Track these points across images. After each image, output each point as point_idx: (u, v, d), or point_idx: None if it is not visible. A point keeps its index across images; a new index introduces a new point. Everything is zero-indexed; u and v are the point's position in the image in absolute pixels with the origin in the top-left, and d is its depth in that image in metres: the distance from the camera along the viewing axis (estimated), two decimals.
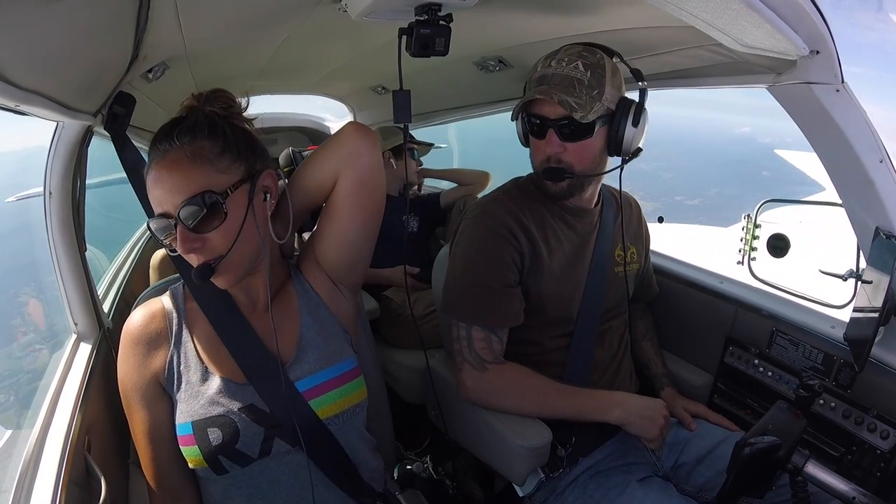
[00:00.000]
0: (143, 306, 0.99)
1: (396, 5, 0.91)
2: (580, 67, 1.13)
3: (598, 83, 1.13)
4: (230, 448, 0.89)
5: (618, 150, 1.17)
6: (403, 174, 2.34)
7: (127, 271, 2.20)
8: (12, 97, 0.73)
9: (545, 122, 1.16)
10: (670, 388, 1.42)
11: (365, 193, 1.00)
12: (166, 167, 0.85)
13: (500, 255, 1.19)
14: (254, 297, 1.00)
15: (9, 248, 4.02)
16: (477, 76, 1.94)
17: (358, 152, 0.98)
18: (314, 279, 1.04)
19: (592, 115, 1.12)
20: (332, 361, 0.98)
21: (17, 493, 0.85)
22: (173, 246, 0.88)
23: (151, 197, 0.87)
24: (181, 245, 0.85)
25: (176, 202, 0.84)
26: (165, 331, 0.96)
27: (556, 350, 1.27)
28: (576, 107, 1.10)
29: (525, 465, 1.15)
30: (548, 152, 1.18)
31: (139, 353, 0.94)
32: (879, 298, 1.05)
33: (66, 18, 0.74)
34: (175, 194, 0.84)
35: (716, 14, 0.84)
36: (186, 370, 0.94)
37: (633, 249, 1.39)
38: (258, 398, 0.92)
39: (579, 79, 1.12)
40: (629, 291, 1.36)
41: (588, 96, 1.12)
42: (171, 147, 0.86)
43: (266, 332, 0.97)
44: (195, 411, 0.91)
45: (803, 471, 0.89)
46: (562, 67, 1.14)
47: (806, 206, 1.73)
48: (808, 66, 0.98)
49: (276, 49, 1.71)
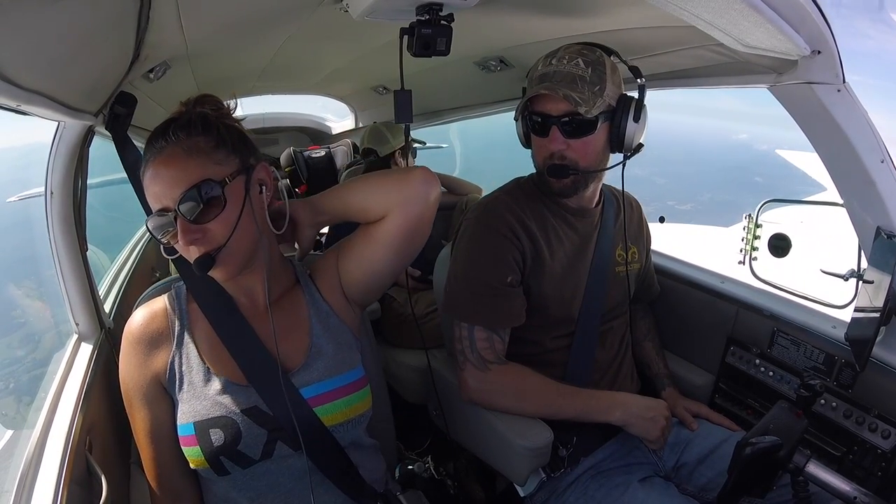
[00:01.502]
0: (144, 306, 0.99)
1: (398, 5, 0.92)
2: (581, 64, 1.13)
3: (599, 79, 1.13)
4: (232, 449, 0.89)
5: (620, 145, 1.18)
6: None
7: (128, 271, 2.20)
8: (14, 97, 0.73)
9: (548, 119, 1.16)
10: (672, 389, 1.41)
11: (409, 239, 1.00)
12: (163, 163, 0.86)
13: (501, 255, 1.19)
14: (254, 298, 0.99)
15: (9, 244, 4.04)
16: (478, 76, 1.94)
17: (417, 200, 0.97)
18: (328, 290, 1.04)
19: (595, 110, 1.12)
20: (340, 370, 0.98)
21: (18, 493, 0.85)
22: (172, 244, 0.88)
23: (149, 194, 0.87)
24: (182, 237, 0.85)
25: (175, 195, 0.84)
26: (167, 330, 0.96)
27: (558, 350, 1.26)
28: (580, 101, 1.11)
29: (526, 466, 1.15)
30: (551, 149, 1.17)
31: (140, 352, 0.94)
32: (881, 298, 1.05)
33: (67, 19, 0.74)
34: (173, 188, 0.84)
35: (717, 14, 0.84)
36: (189, 371, 0.94)
37: (634, 249, 1.39)
38: (261, 399, 0.92)
39: (581, 75, 1.13)
40: (630, 291, 1.36)
41: (590, 92, 1.12)
42: (168, 143, 0.87)
43: (268, 334, 0.96)
44: (197, 412, 0.91)
45: (804, 471, 0.89)
46: (563, 65, 1.14)
47: (807, 205, 1.73)
48: (809, 66, 0.98)
49: (278, 49, 1.71)
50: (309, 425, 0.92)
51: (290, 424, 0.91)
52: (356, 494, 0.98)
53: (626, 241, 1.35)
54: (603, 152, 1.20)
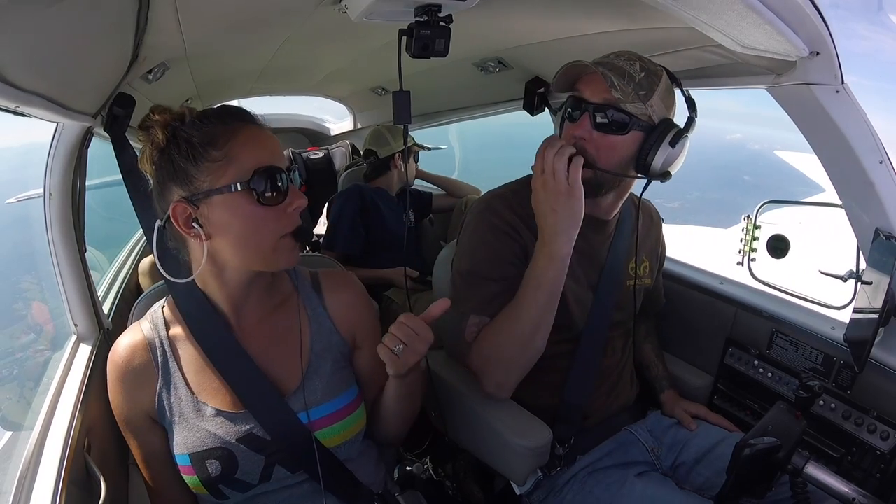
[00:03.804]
0: (125, 334, 0.96)
1: (396, 6, 0.92)
2: (637, 67, 1.08)
3: (648, 86, 1.08)
4: (230, 478, 0.89)
5: (645, 165, 1.09)
6: (405, 176, 2.37)
7: (127, 272, 2.19)
8: (12, 98, 0.73)
9: (583, 103, 1.10)
10: (671, 391, 1.41)
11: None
12: (266, 133, 0.89)
13: (501, 250, 1.18)
14: (245, 312, 0.95)
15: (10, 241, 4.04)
16: (477, 77, 1.94)
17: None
18: (338, 310, 1.02)
19: (632, 108, 1.06)
20: (338, 392, 0.96)
21: (17, 494, 0.85)
22: (268, 204, 0.84)
23: (260, 147, 0.86)
24: (297, 199, 0.87)
25: (283, 163, 0.87)
26: (150, 363, 0.93)
27: (559, 357, 1.23)
28: (617, 87, 1.04)
29: (526, 465, 1.15)
30: (575, 136, 1.10)
31: (126, 388, 0.92)
32: (879, 299, 1.05)
33: (66, 20, 0.74)
34: (281, 157, 0.88)
35: (715, 15, 0.84)
36: (178, 402, 0.92)
37: (646, 263, 1.36)
38: (258, 426, 0.91)
39: (632, 74, 1.07)
40: (637, 304, 1.33)
41: (635, 92, 1.06)
42: (258, 122, 0.89)
43: (262, 353, 0.94)
44: (191, 444, 0.89)
45: (803, 472, 0.89)
46: (620, 60, 1.09)
47: (806, 207, 1.73)
48: (807, 68, 0.98)
49: (276, 50, 1.71)
50: (309, 448, 0.91)
51: (290, 450, 0.90)
52: (353, 498, 0.97)
53: (637, 254, 1.30)
54: (626, 162, 1.12)
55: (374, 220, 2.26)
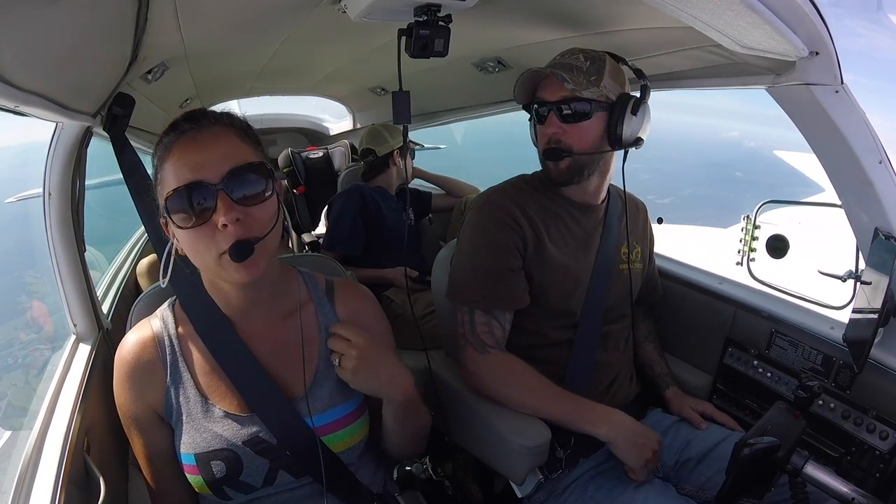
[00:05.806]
0: (134, 330, 0.95)
1: (396, 6, 0.92)
2: (581, 58, 1.20)
3: (596, 71, 1.19)
4: (234, 479, 0.89)
5: (616, 138, 1.20)
6: (404, 173, 2.37)
7: (126, 272, 2.19)
8: (12, 98, 0.73)
9: (546, 105, 1.21)
10: (675, 388, 1.41)
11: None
12: (212, 136, 0.81)
13: (502, 241, 1.22)
14: (253, 317, 0.94)
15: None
16: (476, 77, 1.95)
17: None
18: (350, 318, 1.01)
19: (587, 93, 1.17)
20: (345, 398, 0.96)
21: (16, 494, 0.85)
22: (186, 226, 0.80)
23: (180, 165, 0.79)
24: (225, 214, 0.77)
25: (220, 170, 0.78)
26: (158, 360, 0.92)
27: (559, 344, 1.27)
28: (568, 80, 1.15)
29: (524, 464, 1.15)
30: (548, 133, 1.22)
31: (134, 384, 0.91)
32: (878, 299, 1.05)
33: (65, 20, 0.74)
34: (221, 161, 0.79)
35: (715, 15, 0.84)
36: (186, 401, 0.91)
37: (638, 249, 1.41)
38: (264, 429, 0.90)
39: (578, 66, 1.19)
40: (633, 290, 1.37)
41: (585, 79, 1.18)
42: (217, 122, 0.83)
43: (270, 359, 0.93)
44: (197, 444, 0.89)
45: (802, 472, 0.89)
46: (565, 58, 1.22)
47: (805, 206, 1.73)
48: (807, 68, 0.98)
49: (276, 50, 1.71)
50: (314, 452, 0.91)
51: (295, 453, 0.90)
52: (353, 499, 0.97)
53: (629, 238, 1.36)
54: (599, 141, 1.22)
55: (375, 219, 2.26)
